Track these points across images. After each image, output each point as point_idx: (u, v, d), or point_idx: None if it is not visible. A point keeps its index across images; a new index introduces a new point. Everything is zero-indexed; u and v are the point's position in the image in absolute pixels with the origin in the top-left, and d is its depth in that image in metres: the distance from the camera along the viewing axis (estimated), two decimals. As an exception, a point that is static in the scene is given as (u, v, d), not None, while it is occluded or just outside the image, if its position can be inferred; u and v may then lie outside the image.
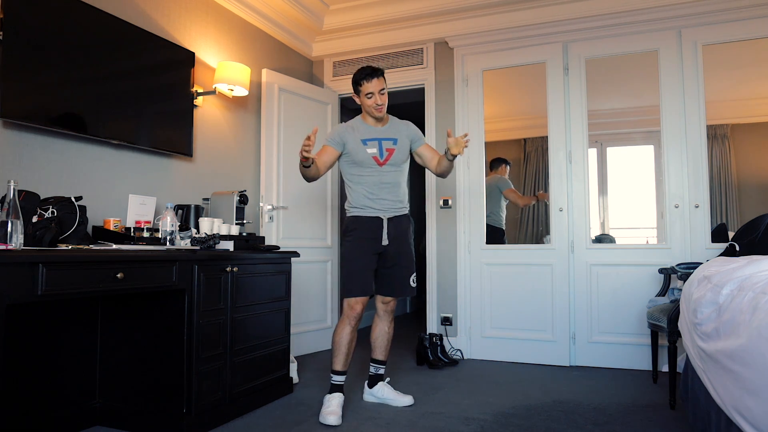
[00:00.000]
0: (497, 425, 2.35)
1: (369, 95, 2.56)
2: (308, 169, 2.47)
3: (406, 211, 2.71)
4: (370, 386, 2.74)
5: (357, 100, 2.64)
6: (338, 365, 2.57)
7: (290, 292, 2.92)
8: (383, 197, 2.60)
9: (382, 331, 2.73)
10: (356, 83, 2.59)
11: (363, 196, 2.60)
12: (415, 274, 2.70)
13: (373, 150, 2.59)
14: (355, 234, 2.60)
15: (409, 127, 2.74)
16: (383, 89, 2.58)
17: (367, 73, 2.54)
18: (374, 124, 2.66)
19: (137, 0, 2.83)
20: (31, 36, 2.24)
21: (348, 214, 2.67)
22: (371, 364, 2.76)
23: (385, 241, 2.60)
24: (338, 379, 2.57)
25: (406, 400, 2.67)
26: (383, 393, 2.70)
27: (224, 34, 3.49)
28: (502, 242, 4.13)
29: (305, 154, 2.33)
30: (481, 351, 3.79)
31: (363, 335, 2.97)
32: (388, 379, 2.77)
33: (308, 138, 2.30)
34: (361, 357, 3.35)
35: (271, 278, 2.78)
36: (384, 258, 2.63)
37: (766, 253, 2.58)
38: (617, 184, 4.33)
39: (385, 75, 2.62)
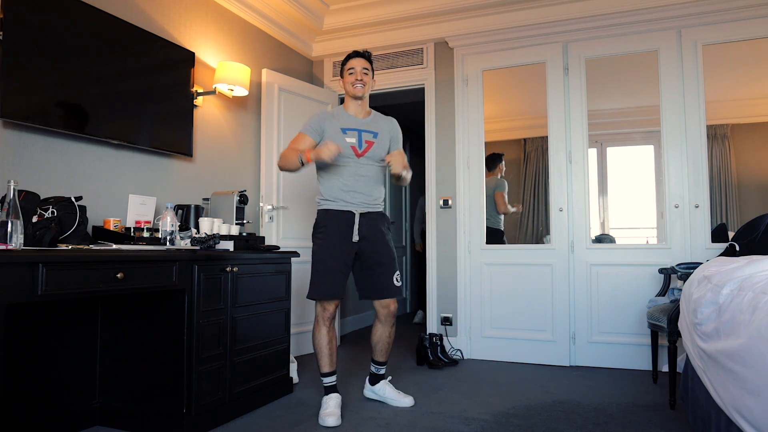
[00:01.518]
0: (497, 425, 2.35)
1: (350, 71, 2.57)
2: (292, 164, 2.47)
3: (381, 209, 2.64)
4: (372, 384, 2.74)
5: (341, 83, 2.64)
6: (325, 367, 2.55)
7: (290, 292, 2.92)
8: (358, 190, 2.54)
9: (383, 336, 2.67)
10: (342, 64, 2.63)
11: (337, 188, 2.54)
12: (398, 272, 2.62)
13: (351, 140, 2.54)
14: (325, 231, 2.53)
15: (392, 124, 2.70)
16: (367, 69, 2.58)
17: (354, 52, 2.61)
18: (356, 114, 2.62)
19: (137, 0, 2.83)
20: (31, 36, 2.24)
21: (318, 207, 2.61)
22: (372, 364, 2.75)
23: (355, 237, 2.51)
24: (329, 380, 2.54)
25: (406, 401, 2.66)
26: (384, 392, 2.69)
27: (224, 34, 3.49)
28: (502, 243, 4.13)
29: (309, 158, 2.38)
30: (481, 351, 3.79)
31: (363, 335, 2.97)
32: (389, 377, 2.77)
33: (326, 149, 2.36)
34: (359, 356, 3.35)
35: (271, 278, 2.78)
36: (362, 258, 2.57)
37: (766, 253, 2.58)
38: (617, 184, 4.32)
39: (373, 61, 2.64)
